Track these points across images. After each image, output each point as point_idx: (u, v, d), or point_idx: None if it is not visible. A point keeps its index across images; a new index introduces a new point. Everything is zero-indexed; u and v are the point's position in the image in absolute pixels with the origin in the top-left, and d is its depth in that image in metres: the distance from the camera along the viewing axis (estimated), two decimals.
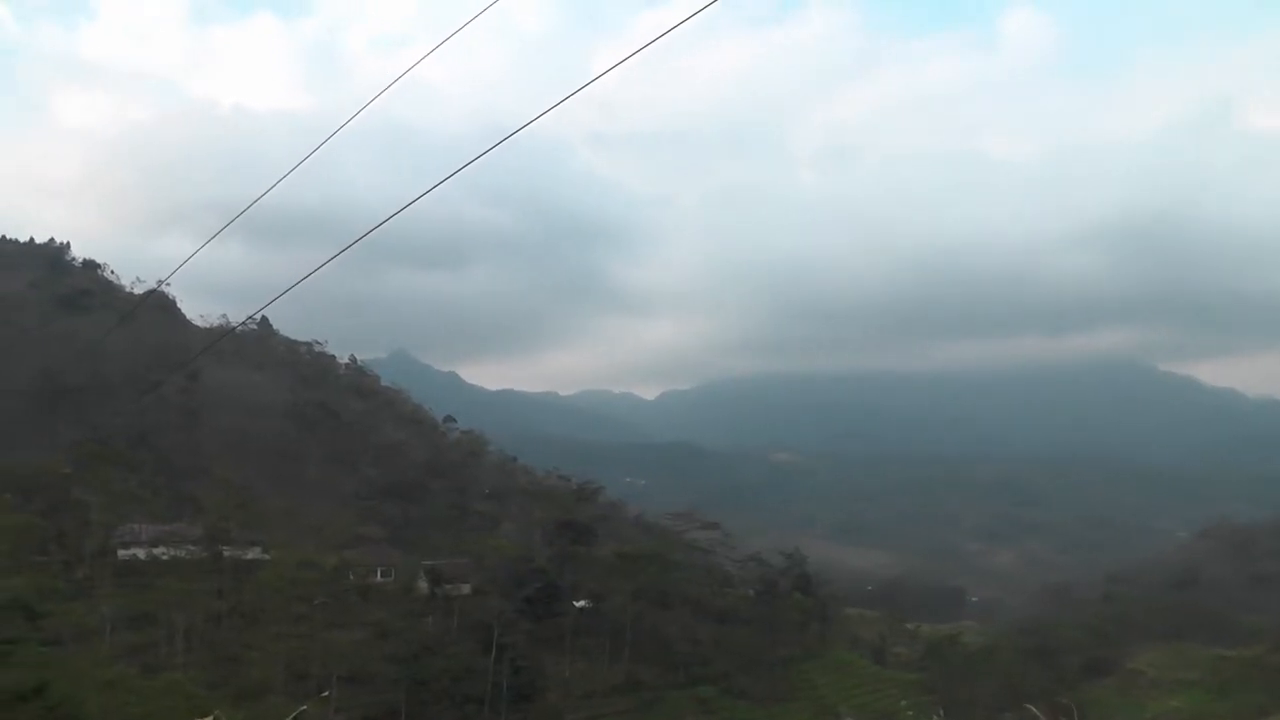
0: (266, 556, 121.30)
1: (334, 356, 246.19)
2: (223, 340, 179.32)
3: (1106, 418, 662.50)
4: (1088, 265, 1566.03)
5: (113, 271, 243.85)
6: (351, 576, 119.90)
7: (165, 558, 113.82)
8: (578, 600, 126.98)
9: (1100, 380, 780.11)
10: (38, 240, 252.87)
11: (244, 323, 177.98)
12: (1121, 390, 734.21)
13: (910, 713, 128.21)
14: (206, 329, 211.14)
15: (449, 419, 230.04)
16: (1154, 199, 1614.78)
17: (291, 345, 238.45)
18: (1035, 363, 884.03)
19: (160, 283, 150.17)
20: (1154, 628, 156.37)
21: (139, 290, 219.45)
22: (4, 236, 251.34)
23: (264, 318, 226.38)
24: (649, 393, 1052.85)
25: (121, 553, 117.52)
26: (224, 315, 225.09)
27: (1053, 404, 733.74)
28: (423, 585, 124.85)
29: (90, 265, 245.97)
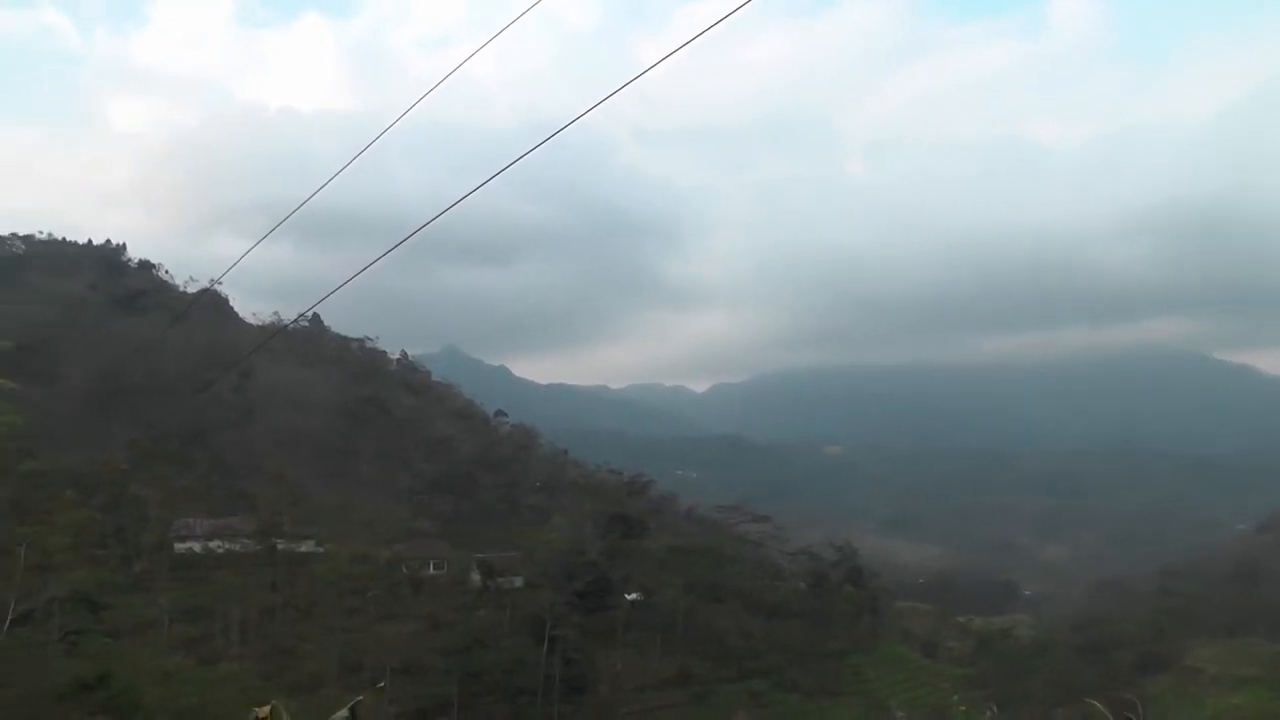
0: (320, 550, 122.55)
1: (385, 352, 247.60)
2: (275, 338, 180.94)
3: (1160, 408, 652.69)
4: (1138, 253, 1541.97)
5: (167, 271, 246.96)
6: (404, 570, 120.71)
7: (220, 552, 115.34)
8: (629, 593, 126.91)
9: (1153, 370, 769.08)
10: (95, 242, 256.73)
11: (295, 320, 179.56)
12: (1175, 380, 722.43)
13: (962, 708, 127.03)
14: (259, 327, 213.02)
15: (500, 413, 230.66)
16: (1208, 184, 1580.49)
17: (343, 342, 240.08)
18: (1086, 353, 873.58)
19: (213, 282, 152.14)
20: (1212, 623, 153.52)
21: (192, 290, 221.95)
22: (64, 239, 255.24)
23: (315, 315, 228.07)
24: (700, 386, 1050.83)
25: (178, 547, 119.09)
26: (275, 313, 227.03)
27: (1105, 394, 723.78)
28: (475, 578, 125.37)
29: (145, 265, 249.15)
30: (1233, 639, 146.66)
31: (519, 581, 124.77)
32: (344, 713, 10.33)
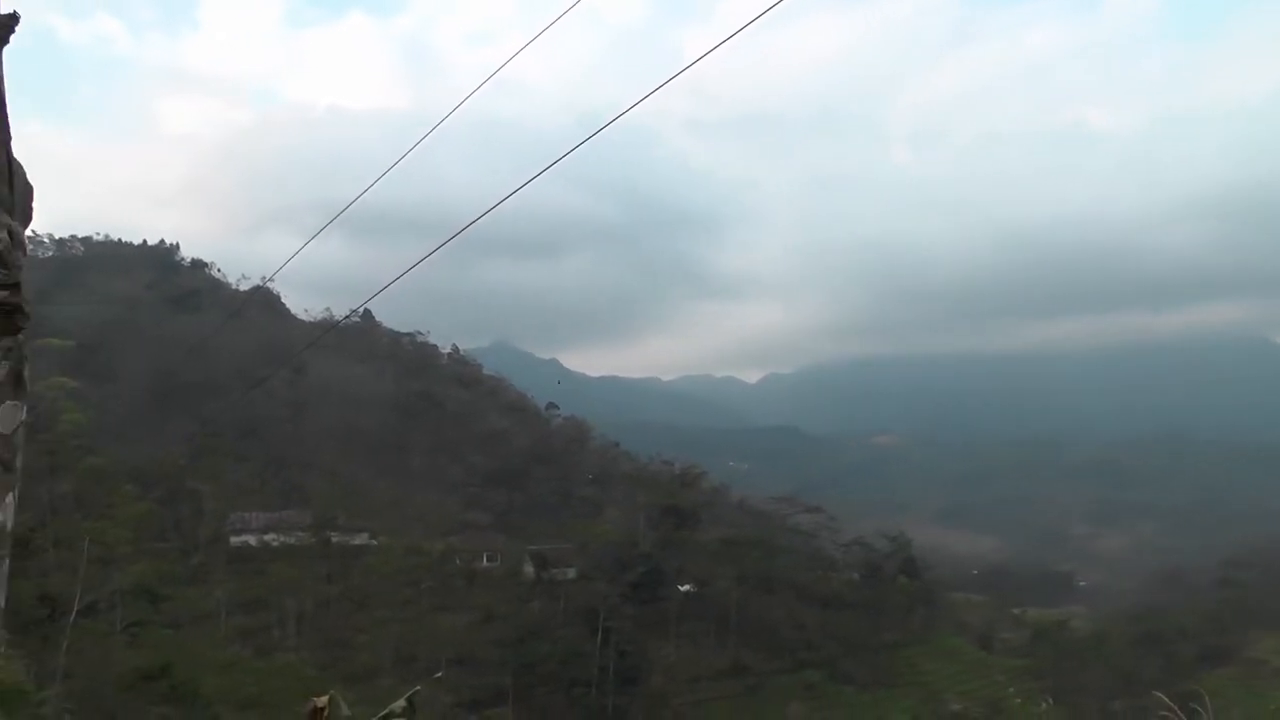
0: (374, 543, 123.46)
1: (436, 347, 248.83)
2: (327, 334, 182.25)
3: (1219, 394, 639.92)
4: (1193, 236, 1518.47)
5: (219, 270, 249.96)
6: (458, 562, 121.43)
7: (275, 544, 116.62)
8: (682, 585, 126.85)
9: (1211, 355, 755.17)
10: (150, 243, 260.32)
11: (347, 317, 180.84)
12: (1234, 365, 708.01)
13: (1018, 700, 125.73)
14: (310, 323, 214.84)
15: (551, 406, 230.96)
16: (1265, 165, 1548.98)
17: (394, 337, 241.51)
18: (1141, 339, 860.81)
19: (265, 280, 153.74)
20: (1275, 614, 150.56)
21: (245, 288, 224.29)
22: (120, 240, 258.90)
23: (366, 311, 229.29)
24: (751, 377, 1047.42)
25: (234, 540, 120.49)
26: (327, 309, 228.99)
27: (1160, 381, 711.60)
28: (528, 570, 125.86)
29: (198, 264, 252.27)
30: None
31: (572, 573, 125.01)
32: (402, 703, 10.14)
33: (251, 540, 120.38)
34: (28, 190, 3.45)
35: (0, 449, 3.17)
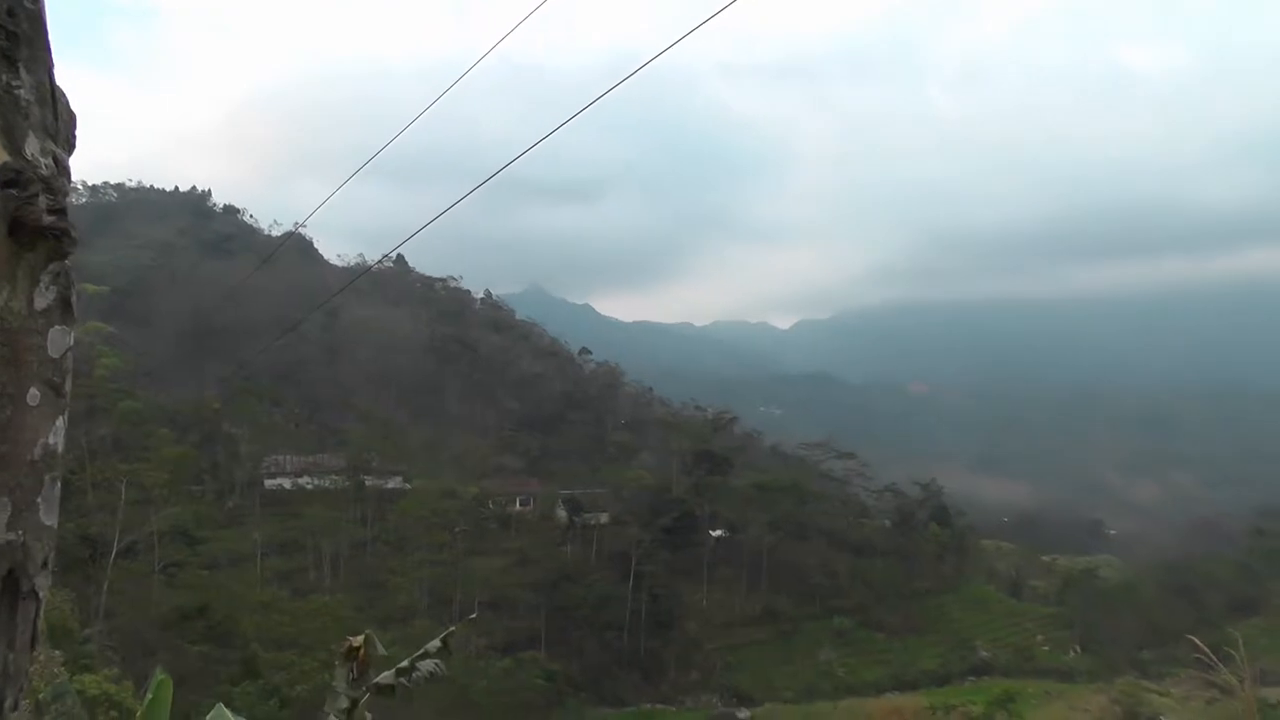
0: (408, 486, 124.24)
1: (469, 292, 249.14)
2: (360, 278, 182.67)
3: (1260, 343, 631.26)
4: (1242, 180, 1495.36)
5: (252, 216, 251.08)
6: (491, 505, 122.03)
7: (310, 487, 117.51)
8: (714, 530, 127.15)
9: (1253, 303, 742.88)
10: (182, 189, 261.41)
11: (380, 261, 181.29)
12: (1275, 313, 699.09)
13: (1046, 647, 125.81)
14: (344, 268, 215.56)
15: (584, 351, 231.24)
16: None
17: (428, 282, 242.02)
18: (1185, 285, 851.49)
19: (298, 225, 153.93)
20: None
21: (277, 234, 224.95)
22: (153, 187, 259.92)
23: (400, 256, 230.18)
24: (784, 322, 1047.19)
25: (269, 483, 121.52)
26: (361, 254, 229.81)
27: (1201, 329, 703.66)
28: (561, 514, 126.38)
29: (231, 211, 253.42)
30: None
31: (605, 518, 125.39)
32: (437, 643, 10.00)
33: (286, 484, 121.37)
34: (71, 118, 3.28)
35: (50, 373, 3.06)
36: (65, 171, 3.21)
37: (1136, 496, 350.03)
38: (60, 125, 3.22)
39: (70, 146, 3.28)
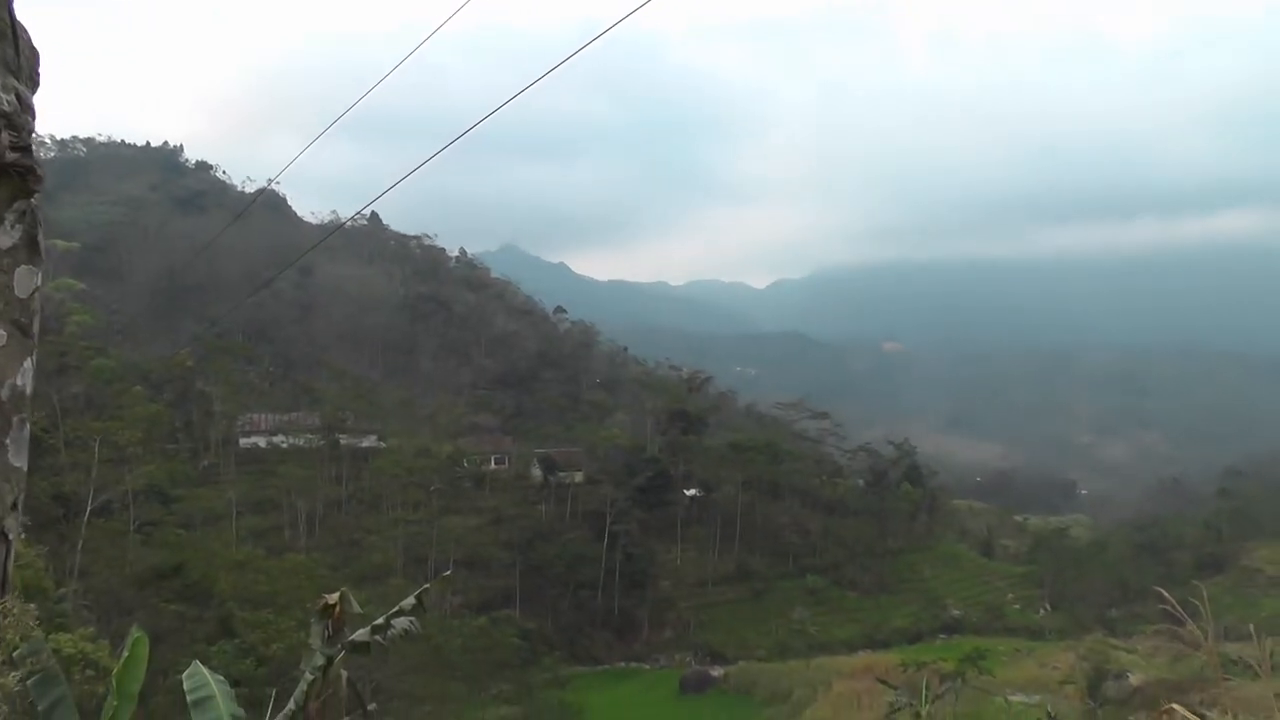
0: (383, 445, 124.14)
1: (444, 250, 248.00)
2: (334, 235, 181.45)
3: (1232, 305, 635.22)
4: (1211, 143, 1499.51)
5: (224, 172, 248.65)
6: (466, 464, 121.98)
7: (285, 446, 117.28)
8: (688, 489, 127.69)
9: (1222, 265, 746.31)
10: (153, 144, 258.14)
11: (353, 217, 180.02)
12: (1250, 276, 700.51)
13: (1017, 606, 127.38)
14: (317, 225, 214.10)
15: (559, 310, 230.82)
16: None
17: (402, 240, 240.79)
18: (1155, 247, 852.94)
19: (270, 181, 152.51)
20: (1273, 525, 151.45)
21: (250, 190, 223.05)
22: (123, 142, 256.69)
23: (373, 213, 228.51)
24: (759, 282, 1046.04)
25: (243, 441, 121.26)
26: (334, 212, 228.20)
27: (1174, 290, 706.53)
28: (536, 473, 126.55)
29: (203, 166, 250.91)
30: None
31: (580, 477, 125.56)
32: (411, 600, 10.11)
33: (261, 442, 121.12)
34: (34, 54, 3.27)
35: (18, 313, 3.08)
36: (29, 108, 3.18)
37: (1107, 456, 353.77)
38: (22, 61, 3.19)
39: (34, 84, 3.24)
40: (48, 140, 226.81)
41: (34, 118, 3.38)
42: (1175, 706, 5.84)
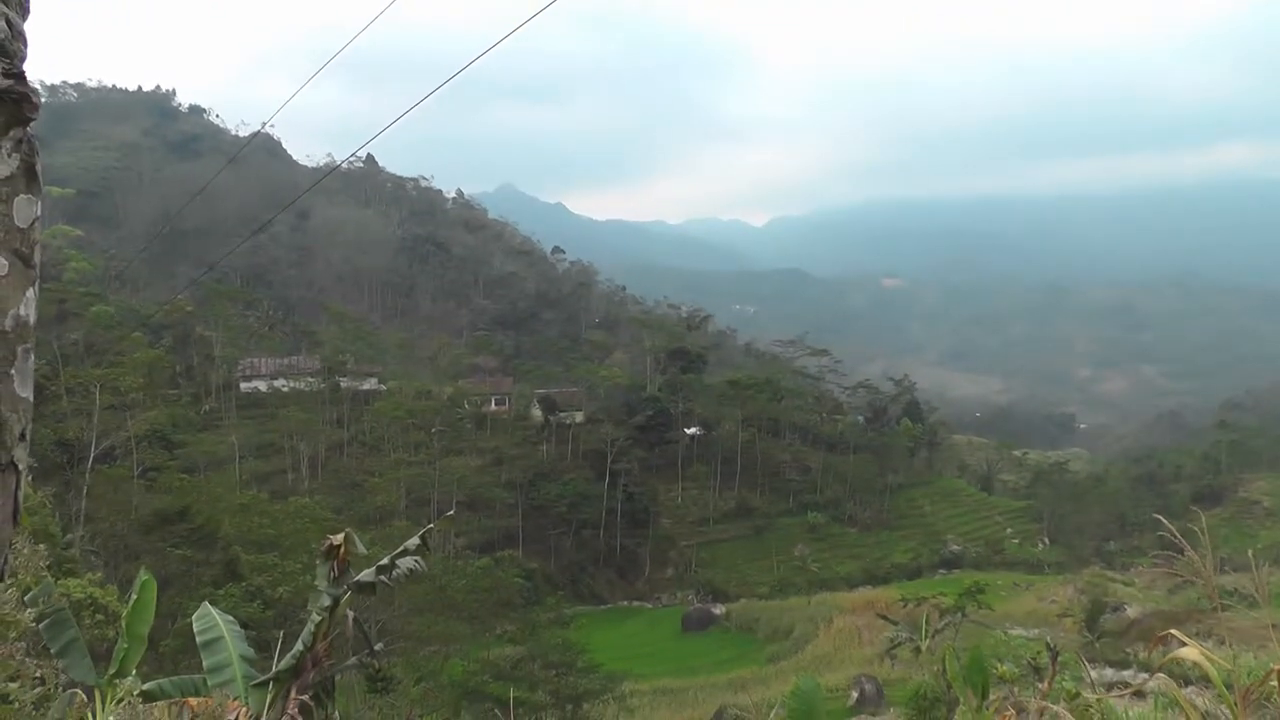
0: (383, 387, 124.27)
1: (441, 192, 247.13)
2: (330, 178, 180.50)
3: (1232, 238, 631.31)
4: (1213, 74, 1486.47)
5: (218, 116, 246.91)
6: (467, 406, 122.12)
7: (286, 390, 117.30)
8: (689, 428, 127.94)
9: (1222, 198, 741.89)
10: (145, 89, 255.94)
11: (349, 158, 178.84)
12: (1250, 209, 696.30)
13: (1016, 540, 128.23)
14: (313, 168, 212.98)
15: (557, 250, 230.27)
16: None
17: (398, 182, 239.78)
18: (1155, 180, 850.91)
19: (264, 124, 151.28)
20: (1270, 456, 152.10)
21: (244, 133, 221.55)
22: (114, 86, 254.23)
23: (369, 155, 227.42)
24: (758, 219, 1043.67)
25: (244, 386, 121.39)
26: (330, 154, 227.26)
27: (1170, 224, 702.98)
28: (536, 414, 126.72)
29: (197, 110, 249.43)
30: None
31: (580, 416, 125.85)
32: (416, 540, 10.19)
33: (262, 386, 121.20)
34: None
35: (18, 243, 3.09)
36: (20, 35, 3.18)
37: (1105, 390, 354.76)
38: None
39: (24, 10, 3.24)
40: (38, 86, 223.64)
41: (26, 45, 3.37)
42: (1173, 632, 5.90)
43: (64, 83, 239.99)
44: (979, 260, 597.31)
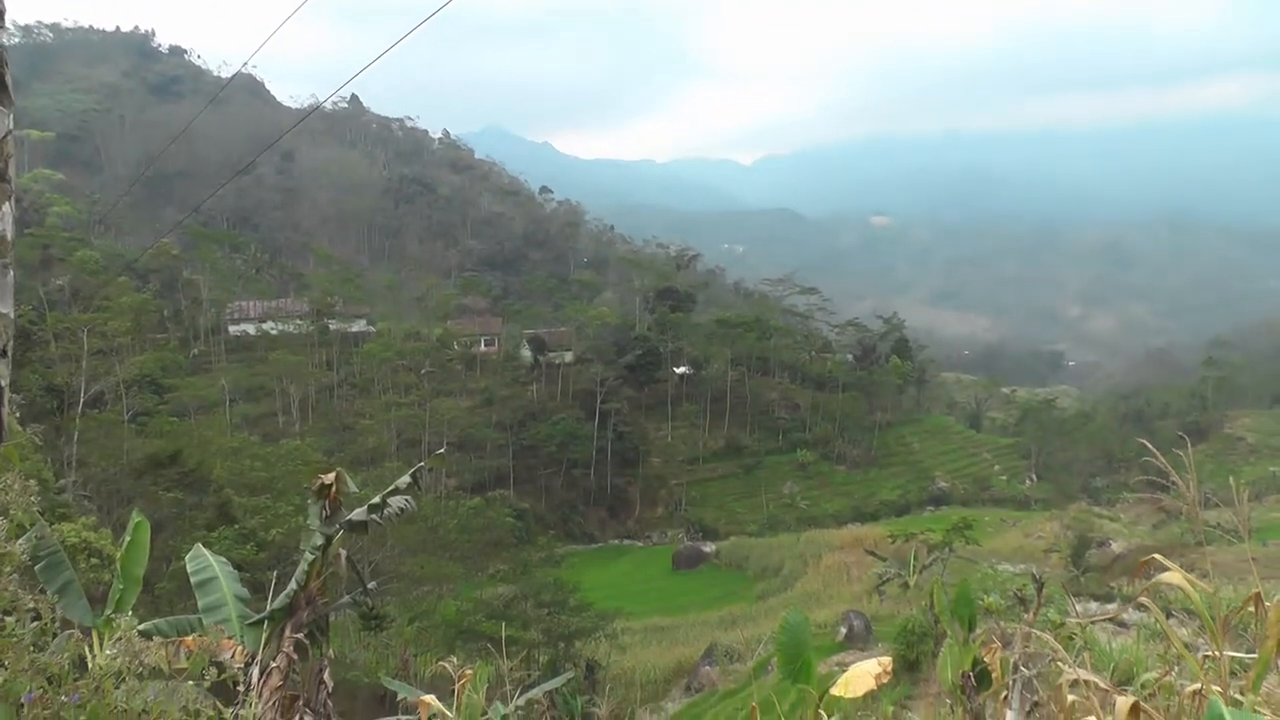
0: (372, 329, 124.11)
1: (427, 132, 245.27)
2: (314, 119, 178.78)
3: (1219, 175, 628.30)
4: (1199, 12, 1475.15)
5: (199, 56, 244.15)
6: (456, 347, 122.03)
7: (274, 333, 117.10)
8: (678, 367, 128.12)
9: (1213, 136, 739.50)
10: (124, 29, 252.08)
11: (331, 96, 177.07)
12: (1235, 146, 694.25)
13: (1003, 477, 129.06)
14: (297, 109, 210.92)
15: (545, 190, 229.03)
16: None
17: (384, 122, 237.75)
18: (1142, 117, 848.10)
19: (245, 63, 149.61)
20: (1256, 393, 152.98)
21: (226, 74, 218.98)
22: (91, 26, 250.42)
23: (354, 96, 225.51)
24: (747, 159, 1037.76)
25: (233, 329, 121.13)
26: (313, 95, 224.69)
27: (1161, 161, 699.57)
28: (526, 354, 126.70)
29: (177, 51, 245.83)
30: (1275, 408, 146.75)
31: (569, 356, 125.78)
32: (407, 478, 10.26)
33: (250, 329, 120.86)
34: None
35: None
36: None
37: (1094, 327, 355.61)
38: None
39: None
40: (11, 26, 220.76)
41: None
42: (1156, 556, 6.01)
43: (39, 23, 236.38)
44: (969, 199, 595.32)
